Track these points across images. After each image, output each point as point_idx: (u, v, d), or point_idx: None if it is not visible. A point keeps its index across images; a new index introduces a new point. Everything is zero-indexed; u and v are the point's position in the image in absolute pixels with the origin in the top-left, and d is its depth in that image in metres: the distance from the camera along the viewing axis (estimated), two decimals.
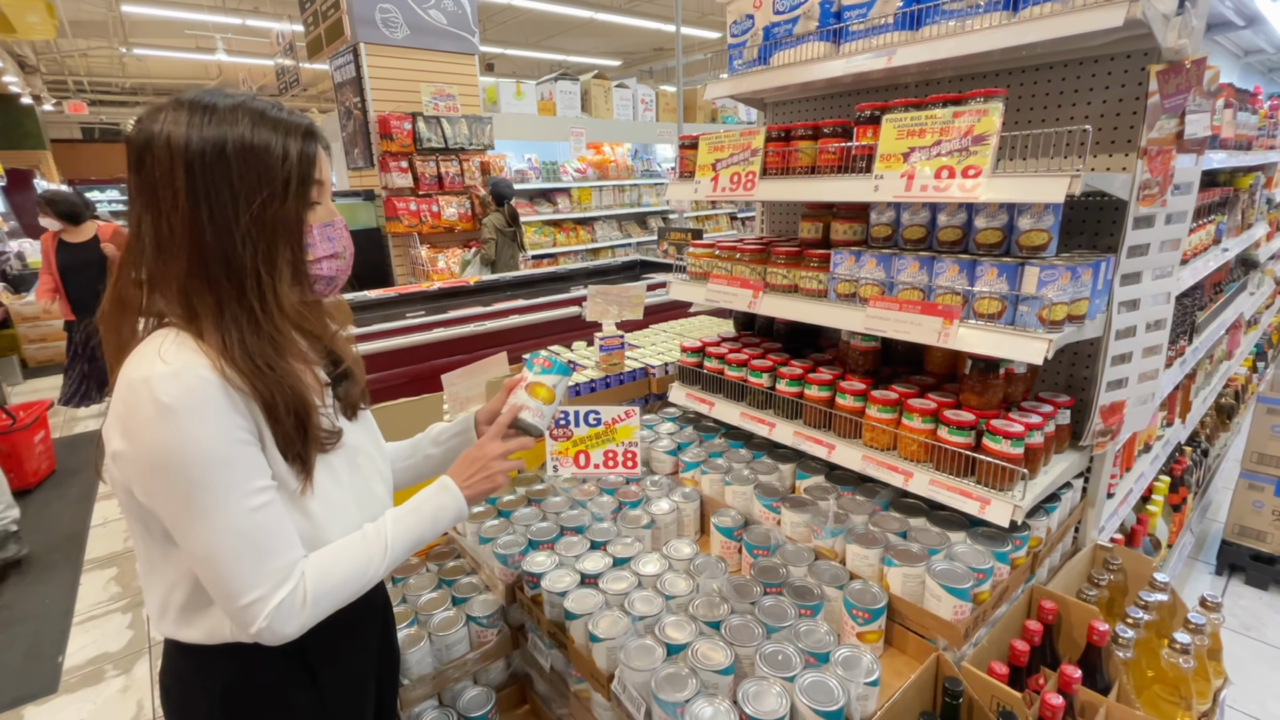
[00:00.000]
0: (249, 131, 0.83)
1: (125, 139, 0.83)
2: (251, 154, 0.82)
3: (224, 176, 0.81)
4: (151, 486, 0.80)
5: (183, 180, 0.80)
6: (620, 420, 1.82)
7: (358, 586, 0.93)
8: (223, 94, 0.85)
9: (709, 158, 1.79)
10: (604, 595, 1.35)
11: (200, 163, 0.80)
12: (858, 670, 1.10)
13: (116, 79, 14.96)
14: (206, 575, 0.83)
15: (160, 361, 0.78)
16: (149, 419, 0.77)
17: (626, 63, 15.11)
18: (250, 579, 0.82)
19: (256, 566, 0.82)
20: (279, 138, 0.84)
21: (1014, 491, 1.35)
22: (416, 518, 1.03)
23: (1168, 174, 1.39)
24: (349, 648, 1.06)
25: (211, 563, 0.81)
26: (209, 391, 0.79)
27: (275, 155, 0.83)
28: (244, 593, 0.81)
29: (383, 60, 5.39)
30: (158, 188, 0.80)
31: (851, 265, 1.55)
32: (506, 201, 5.59)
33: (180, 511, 0.80)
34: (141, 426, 0.78)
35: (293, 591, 0.84)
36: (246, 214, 0.82)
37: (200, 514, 0.79)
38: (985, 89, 1.31)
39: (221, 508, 0.80)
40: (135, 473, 0.81)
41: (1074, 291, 1.28)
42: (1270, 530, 2.78)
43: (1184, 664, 1.35)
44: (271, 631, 0.83)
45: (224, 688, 0.94)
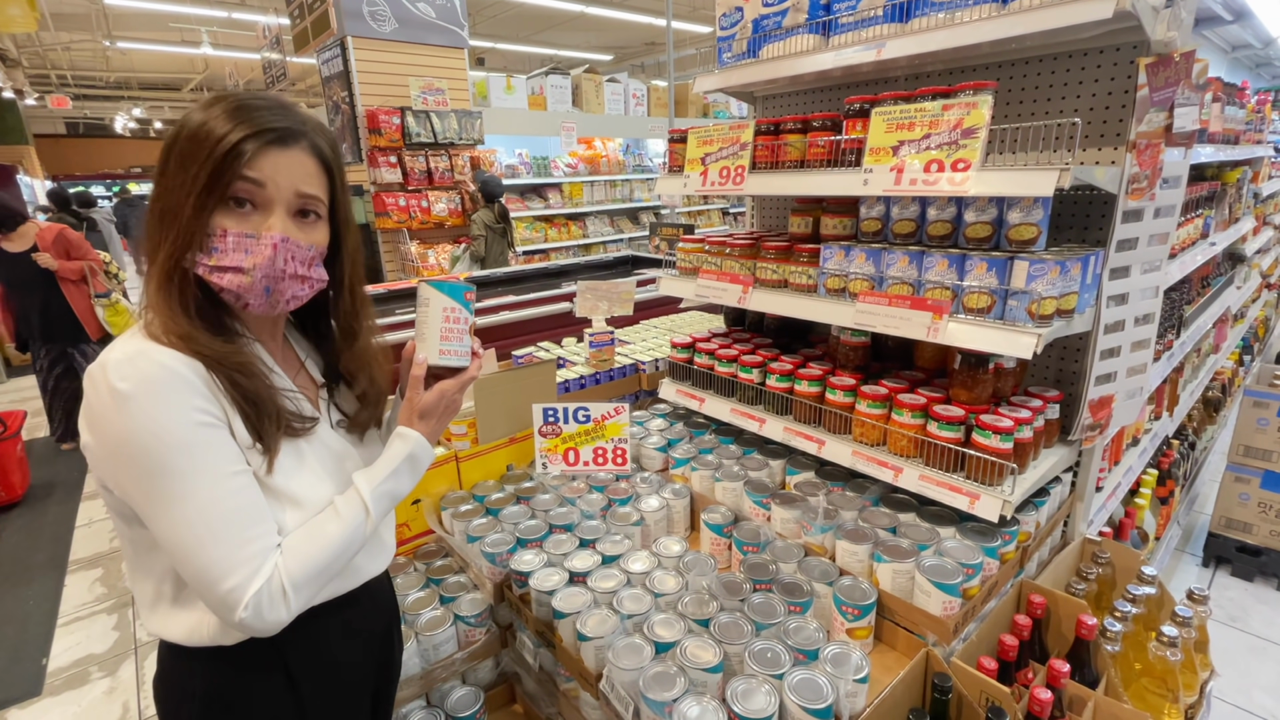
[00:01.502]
0: (211, 118, 0.80)
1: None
2: (195, 140, 0.80)
3: (175, 158, 0.81)
4: (118, 476, 0.79)
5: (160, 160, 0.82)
6: (610, 417, 1.81)
7: (346, 551, 0.89)
8: (251, 92, 0.85)
9: (698, 152, 1.77)
10: (592, 594, 1.34)
11: (168, 144, 0.82)
12: (847, 667, 1.10)
13: (100, 73, 14.73)
14: (182, 565, 0.80)
15: (120, 347, 0.78)
16: (107, 407, 0.76)
17: (618, 57, 15.03)
18: (225, 565, 0.78)
19: (231, 552, 0.79)
20: (227, 127, 0.79)
21: (1003, 486, 1.35)
22: (387, 466, 0.96)
23: (1156, 168, 1.38)
24: (342, 663, 1.03)
25: (184, 550, 0.79)
26: (163, 375, 0.77)
27: (209, 142, 0.79)
28: (220, 579, 0.78)
29: (371, 54, 5.32)
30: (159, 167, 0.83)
31: (841, 260, 1.54)
32: (497, 199, 5.55)
33: (148, 499, 0.78)
34: (101, 415, 0.77)
35: (271, 576, 0.81)
36: (171, 196, 0.80)
37: (167, 501, 0.78)
38: (975, 82, 1.30)
39: (187, 493, 0.78)
40: (101, 463, 0.80)
41: (1063, 286, 1.27)
42: (1256, 522, 2.81)
43: (1171, 657, 1.35)
44: (259, 618, 0.80)
45: (204, 693, 0.92)
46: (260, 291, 0.84)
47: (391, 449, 0.98)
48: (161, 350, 0.78)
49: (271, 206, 0.84)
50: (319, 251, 0.91)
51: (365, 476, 0.95)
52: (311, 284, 0.90)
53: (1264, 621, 2.63)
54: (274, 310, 0.89)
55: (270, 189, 0.83)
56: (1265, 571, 2.83)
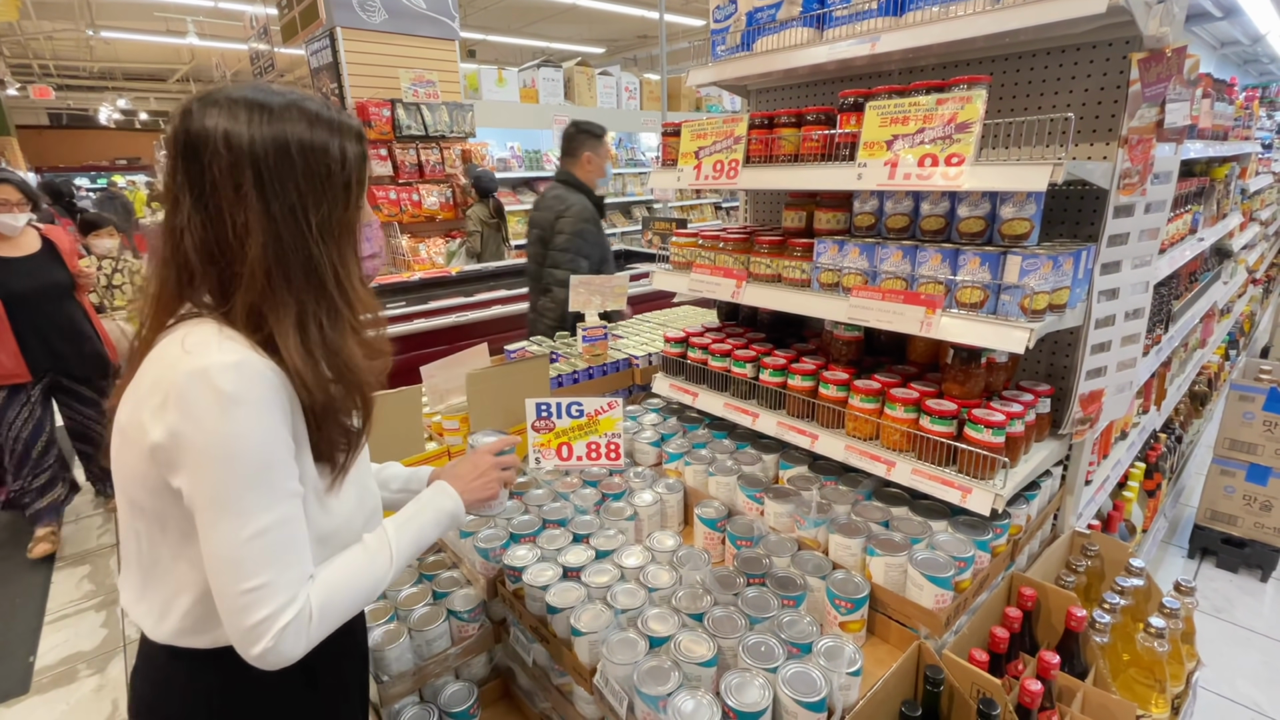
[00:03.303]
0: (308, 132, 0.83)
1: (174, 132, 0.80)
2: (313, 154, 0.83)
3: (289, 176, 0.81)
4: (201, 475, 0.77)
5: (250, 179, 0.79)
6: (603, 412, 1.81)
7: (364, 600, 0.91)
8: (272, 91, 0.84)
9: (691, 145, 1.76)
10: (586, 589, 1.34)
11: (265, 162, 0.79)
12: (840, 661, 1.10)
13: (84, 63, 14.49)
14: (223, 579, 0.79)
15: (219, 352, 0.77)
16: (209, 407, 0.75)
17: (610, 50, 14.95)
18: (265, 593, 0.78)
19: (274, 579, 0.79)
20: (336, 139, 0.85)
21: (995, 480, 1.36)
22: (419, 524, 1.02)
23: (1148, 163, 1.39)
24: (350, 656, 1.05)
25: (230, 565, 0.78)
26: (270, 386, 0.79)
27: (335, 157, 0.84)
28: (256, 608, 0.78)
29: (360, 45, 5.26)
30: (218, 185, 0.79)
31: (835, 254, 1.54)
32: (491, 195, 5.51)
33: (218, 506, 0.77)
34: (202, 415, 0.76)
35: (300, 612, 0.81)
36: (316, 214, 0.83)
37: (237, 513, 0.77)
38: (969, 76, 1.30)
39: (258, 510, 0.79)
40: (185, 462, 0.77)
41: (1055, 280, 1.28)
42: (1241, 514, 2.85)
43: (1159, 648, 1.37)
44: (276, 653, 0.79)
45: (220, 690, 0.91)
46: (374, 272, 0.94)
47: (434, 503, 1.06)
48: (263, 360, 0.79)
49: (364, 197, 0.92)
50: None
51: (400, 525, 0.99)
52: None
53: (1248, 612, 2.67)
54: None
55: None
56: (1249, 563, 2.87)
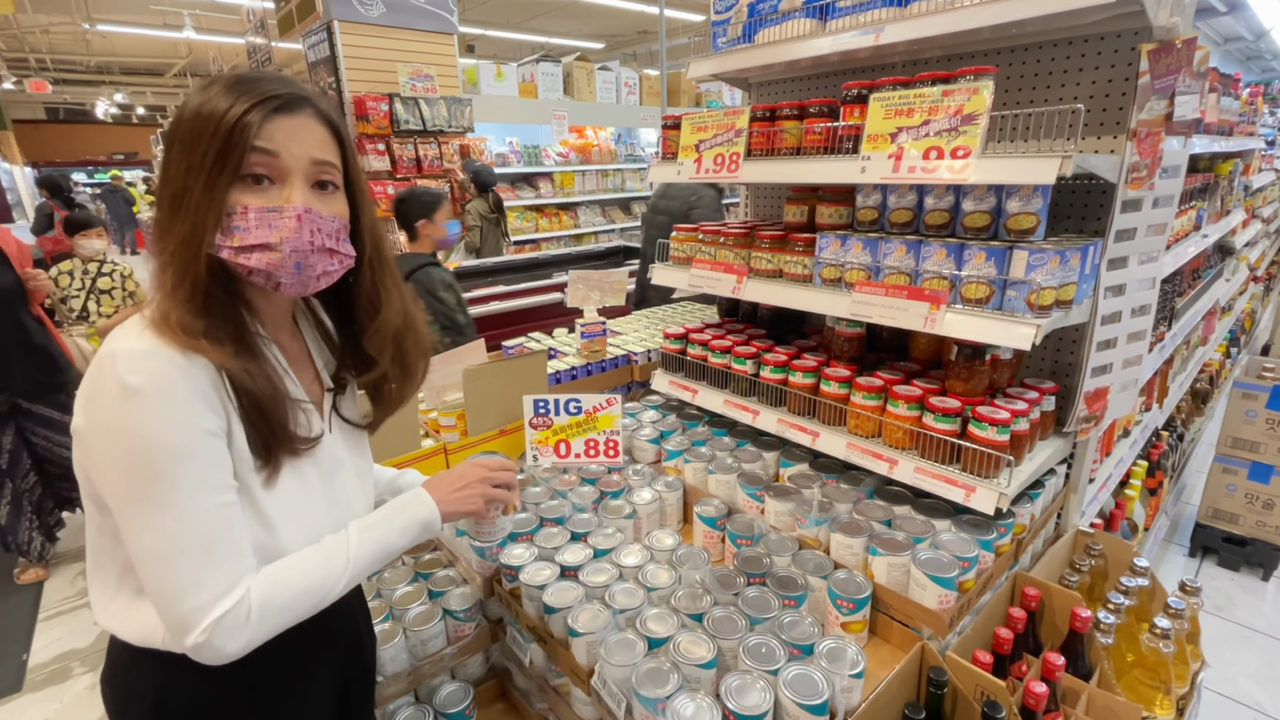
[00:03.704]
0: (212, 97, 0.77)
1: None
2: (198, 119, 0.76)
3: (179, 143, 0.77)
4: (105, 469, 0.75)
5: (165, 144, 0.79)
6: (601, 409, 1.78)
7: (313, 603, 0.85)
8: (248, 70, 0.82)
9: (692, 138, 1.74)
10: (584, 588, 1.32)
11: (170, 131, 0.78)
12: (842, 663, 1.08)
13: (80, 57, 14.40)
14: (148, 573, 0.76)
15: (133, 337, 0.74)
16: (112, 397, 0.72)
17: (610, 45, 14.87)
18: (194, 582, 0.75)
19: (203, 570, 0.75)
20: (229, 102, 0.76)
21: (999, 479, 1.34)
22: (385, 530, 0.95)
23: (1156, 157, 1.37)
24: (305, 671, 0.98)
25: (156, 559, 0.75)
26: (176, 377, 0.74)
27: (213, 120, 0.75)
28: (185, 596, 0.75)
29: (358, 39, 5.22)
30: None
31: (837, 249, 1.52)
32: (490, 189, 5.47)
33: (131, 500, 0.74)
34: (103, 404, 0.73)
35: (237, 604, 0.77)
36: (180, 181, 0.76)
37: (153, 505, 0.74)
38: (975, 67, 1.27)
39: (177, 502, 0.74)
40: (90, 452, 0.76)
41: (1062, 276, 1.26)
42: (1243, 513, 2.83)
43: (1164, 649, 1.35)
44: (210, 647, 0.76)
45: (155, 697, 0.87)
46: (291, 269, 0.80)
47: (407, 509, 0.97)
48: (175, 350, 0.74)
49: (289, 177, 0.80)
50: (343, 224, 0.87)
51: (364, 529, 0.93)
52: (341, 259, 0.87)
53: (1249, 610, 2.66)
54: (306, 289, 0.84)
55: (285, 158, 0.79)
56: (1251, 561, 2.86)
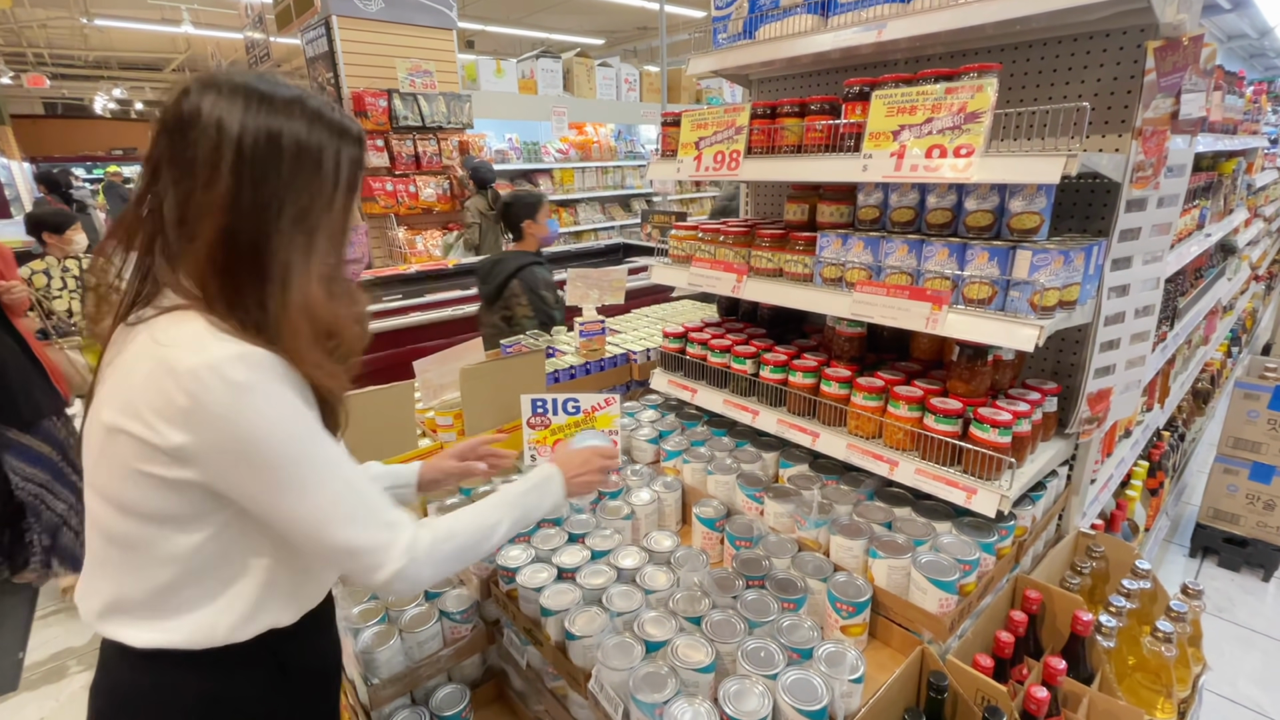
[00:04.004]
0: (305, 130, 0.81)
1: (165, 108, 0.79)
2: (305, 153, 0.81)
3: (274, 168, 0.79)
4: (237, 471, 0.78)
5: (230, 161, 0.77)
6: (600, 408, 1.77)
7: (475, 553, 0.97)
8: (278, 83, 0.83)
9: (692, 136, 1.72)
10: (581, 590, 1.31)
11: (252, 149, 0.78)
12: (842, 667, 1.07)
13: (79, 51, 14.34)
14: (322, 544, 0.82)
15: (215, 344, 0.76)
16: (226, 403, 0.75)
17: (610, 41, 14.82)
18: (370, 532, 0.84)
19: (373, 516, 0.85)
20: (333, 141, 0.84)
21: (1001, 481, 1.32)
22: (535, 497, 1.08)
23: (1162, 155, 1.35)
24: (322, 645, 1.02)
25: (327, 524, 0.81)
26: (279, 368, 0.79)
27: (329, 159, 0.83)
28: (370, 547, 0.83)
29: (356, 34, 5.19)
30: (196, 164, 0.77)
31: (838, 248, 1.50)
32: (489, 185, 5.45)
33: (276, 489, 0.79)
34: (219, 412, 0.75)
35: (414, 537, 0.87)
36: (292, 209, 0.81)
37: (301, 487, 0.79)
38: (979, 64, 1.26)
39: (321, 476, 0.81)
40: (213, 461, 0.77)
41: (1066, 276, 1.24)
42: (1243, 513, 2.82)
43: (1166, 653, 1.34)
44: (405, 577, 0.85)
45: (198, 698, 0.88)
46: (355, 277, 0.93)
47: (547, 483, 1.13)
48: (260, 350, 0.78)
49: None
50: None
51: (513, 495, 1.07)
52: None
53: (1250, 612, 2.65)
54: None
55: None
56: (1251, 562, 2.85)
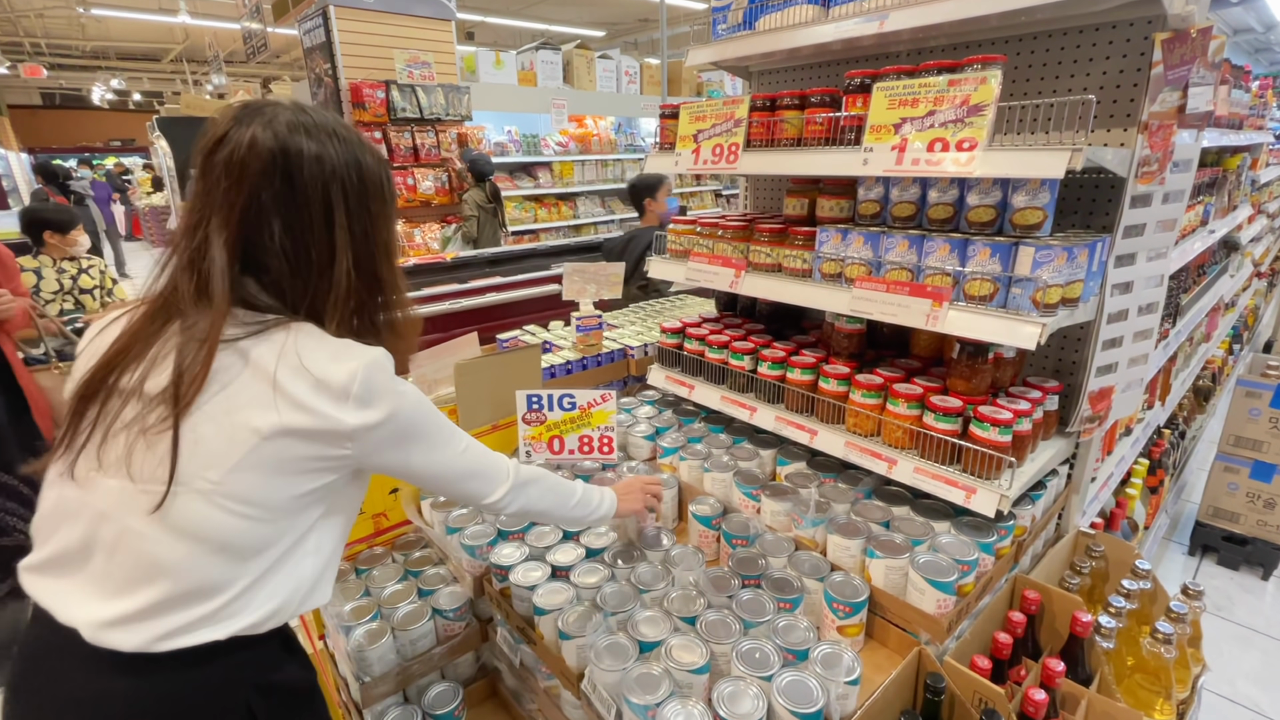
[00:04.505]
0: (368, 157, 0.93)
1: (238, 146, 0.83)
2: (375, 178, 0.93)
3: (373, 200, 0.93)
4: (406, 443, 0.93)
5: (340, 200, 0.88)
6: (596, 404, 1.75)
7: (551, 511, 1.21)
8: (329, 115, 0.93)
9: (690, 128, 1.69)
10: (575, 589, 1.29)
11: (357, 187, 0.90)
12: (838, 669, 1.05)
13: (76, 41, 14.25)
14: (468, 485, 1.05)
15: (363, 351, 0.88)
16: (393, 392, 0.89)
17: (611, 34, 14.71)
18: (500, 468, 1.10)
19: (489, 456, 1.09)
20: (384, 166, 0.96)
21: (1001, 480, 1.31)
22: (594, 501, 1.29)
23: (1168, 150, 1.33)
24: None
25: (474, 468, 1.05)
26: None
27: (388, 179, 0.96)
28: (502, 477, 1.09)
29: (354, 24, 5.14)
30: (309, 204, 0.86)
31: (838, 244, 1.48)
32: (487, 178, 5.41)
33: (435, 448, 0.98)
34: (392, 397, 0.89)
35: (516, 469, 1.13)
36: (384, 233, 0.96)
37: (451, 442, 1.01)
38: (983, 56, 1.23)
39: (457, 435, 1.03)
40: (389, 436, 0.90)
41: (1069, 273, 1.22)
42: (1244, 512, 2.81)
43: (1166, 654, 1.33)
44: (509, 500, 1.11)
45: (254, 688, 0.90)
46: None
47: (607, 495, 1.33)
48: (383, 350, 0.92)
49: None
50: None
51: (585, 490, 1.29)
52: None
53: (1249, 610, 2.64)
54: None
55: None
56: (1250, 560, 2.84)
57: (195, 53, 15.06)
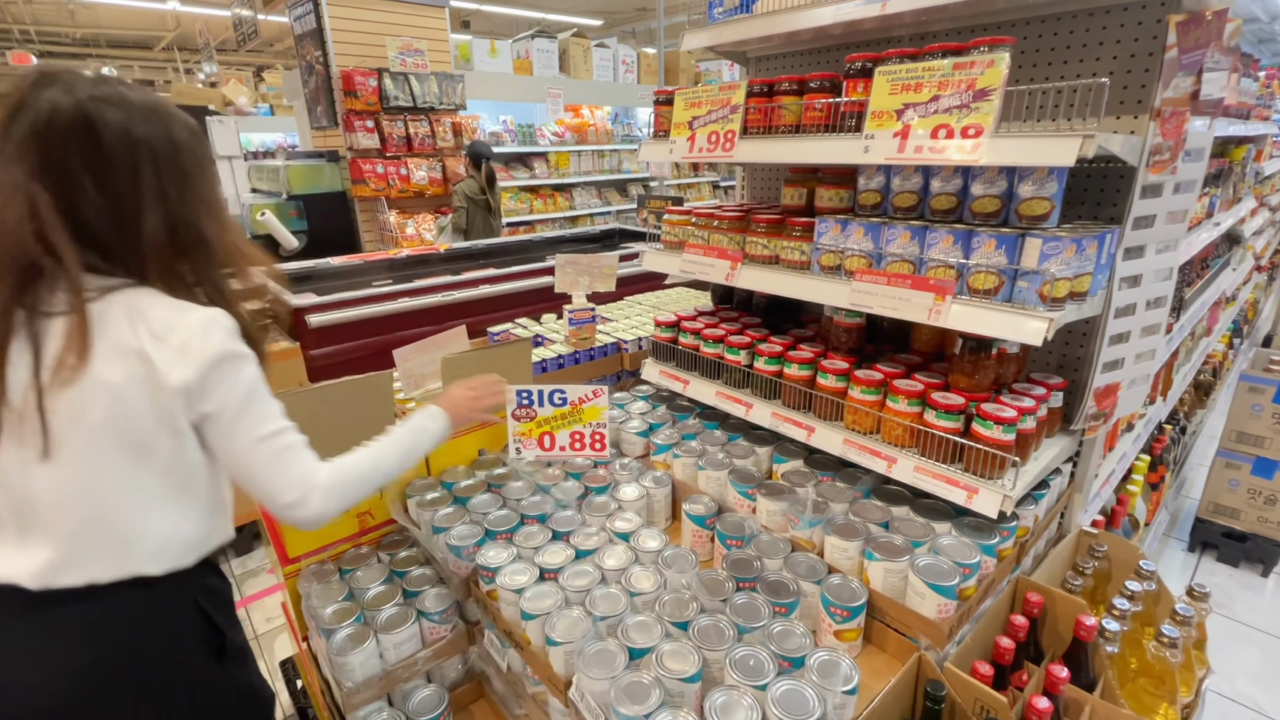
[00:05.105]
0: (173, 119, 0.95)
1: (39, 113, 0.85)
2: (182, 137, 0.95)
3: (171, 156, 0.93)
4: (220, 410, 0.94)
5: (146, 156, 0.90)
6: (588, 400, 1.70)
7: (372, 487, 1.11)
8: (119, 80, 0.95)
9: (685, 115, 1.64)
10: (564, 592, 1.25)
11: (155, 141, 0.91)
12: (835, 678, 1.01)
13: (66, 29, 14.03)
14: (264, 483, 0.98)
15: (193, 310, 0.92)
16: (220, 354, 0.91)
17: (608, 22, 14.55)
18: (305, 482, 1.00)
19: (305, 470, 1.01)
20: (186, 127, 0.97)
21: (1004, 480, 1.26)
22: (418, 437, 1.22)
23: (1180, 138, 1.28)
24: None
25: (276, 467, 0.98)
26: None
27: (197, 139, 0.98)
28: (306, 489, 1.00)
29: (345, 10, 5.05)
30: (115, 169, 0.88)
31: (837, 235, 1.43)
32: (484, 161, 5.28)
33: (243, 425, 0.95)
34: (216, 359, 0.91)
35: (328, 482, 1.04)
36: (204, 189, 0.98)
37: (262, 425, 0.97)
38: (990, 38, 1.18)
39: (273, 423, 0.99)
40: (202, 395, 0.91)
41: (1078, 266, 1.17)
42: (1245, 508, 2.78)
43: (1172, 659, 1.29)
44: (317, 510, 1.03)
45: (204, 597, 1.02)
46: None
47: (432, 420, 1.26)
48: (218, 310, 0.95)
49: None
50: None
51: (401, 435, 1.21)
52: None
53: (1248, 607, 2.61)
54: None
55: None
56: (1250, 557, 2.82)
57: (187, 41, 14.84)
